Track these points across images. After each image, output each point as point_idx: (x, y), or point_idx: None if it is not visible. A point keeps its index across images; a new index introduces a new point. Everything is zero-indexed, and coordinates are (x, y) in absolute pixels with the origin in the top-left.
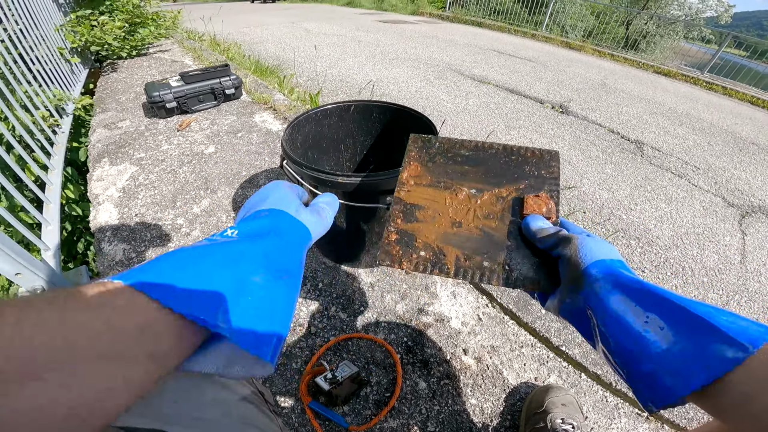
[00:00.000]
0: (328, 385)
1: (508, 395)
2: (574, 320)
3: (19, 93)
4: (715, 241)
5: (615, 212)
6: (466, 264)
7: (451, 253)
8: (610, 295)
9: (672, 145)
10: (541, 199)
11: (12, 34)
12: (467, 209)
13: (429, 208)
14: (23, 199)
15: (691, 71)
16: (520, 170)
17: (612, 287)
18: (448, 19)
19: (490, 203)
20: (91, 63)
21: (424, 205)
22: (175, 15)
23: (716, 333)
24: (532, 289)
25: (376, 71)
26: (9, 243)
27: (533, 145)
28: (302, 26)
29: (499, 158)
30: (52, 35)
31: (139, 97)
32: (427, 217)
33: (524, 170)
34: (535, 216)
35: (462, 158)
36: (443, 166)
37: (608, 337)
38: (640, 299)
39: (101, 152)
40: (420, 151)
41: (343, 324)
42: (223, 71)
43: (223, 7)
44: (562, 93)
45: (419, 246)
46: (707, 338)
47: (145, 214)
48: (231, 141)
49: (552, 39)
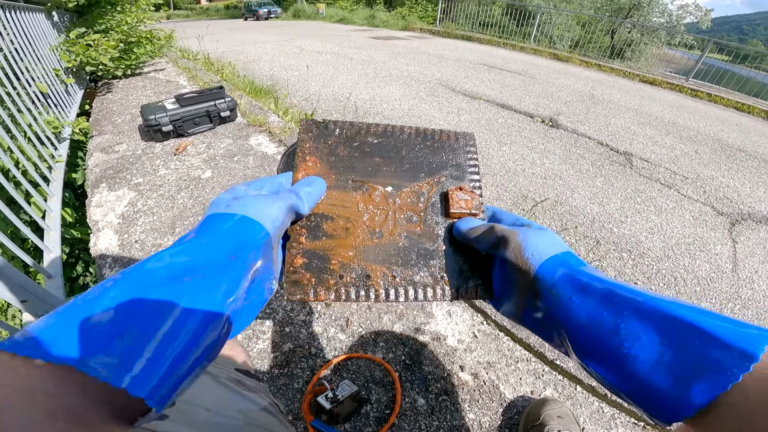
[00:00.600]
0: (329, 404)
1: (506, 409)
2: (540, 331)
3: (20, 120)
4: (706, 250)
5: (606, 226)
6: (396, 282)
7: (376, 272)
8: (573, 303)
9: (660, 156)
10: (466, 192)
11: (8, 53)
12: (385, 213)
13: (339, 217)
14: (27, 230)
15: (676, 78)
16: (437, 158)
17: (574, 291)
18: (439, 33)
19: (410, 203)
20: (86, 83)
21: (331, 214)
22: (169, 34)
23: (707, 338)
24: (473, 298)
25: (368, 90)
26: (14, 273)
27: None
28: (295, 44)
29: (412, 145)
30: (47, 55)
31: (135, 119)
32: (339, 229)
33: (442, 158)
34: (463, 219)
35: (370, 147)
36: (349, 160)
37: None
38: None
39: (99, 177)
40: (316, 141)
41: (342, 344)
42: (218, 93)
43: (217, 24)
44: (552, 106)
45: (335, 269)
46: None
47: (144, 240)
48: (227, 165)
49: (540, 51)
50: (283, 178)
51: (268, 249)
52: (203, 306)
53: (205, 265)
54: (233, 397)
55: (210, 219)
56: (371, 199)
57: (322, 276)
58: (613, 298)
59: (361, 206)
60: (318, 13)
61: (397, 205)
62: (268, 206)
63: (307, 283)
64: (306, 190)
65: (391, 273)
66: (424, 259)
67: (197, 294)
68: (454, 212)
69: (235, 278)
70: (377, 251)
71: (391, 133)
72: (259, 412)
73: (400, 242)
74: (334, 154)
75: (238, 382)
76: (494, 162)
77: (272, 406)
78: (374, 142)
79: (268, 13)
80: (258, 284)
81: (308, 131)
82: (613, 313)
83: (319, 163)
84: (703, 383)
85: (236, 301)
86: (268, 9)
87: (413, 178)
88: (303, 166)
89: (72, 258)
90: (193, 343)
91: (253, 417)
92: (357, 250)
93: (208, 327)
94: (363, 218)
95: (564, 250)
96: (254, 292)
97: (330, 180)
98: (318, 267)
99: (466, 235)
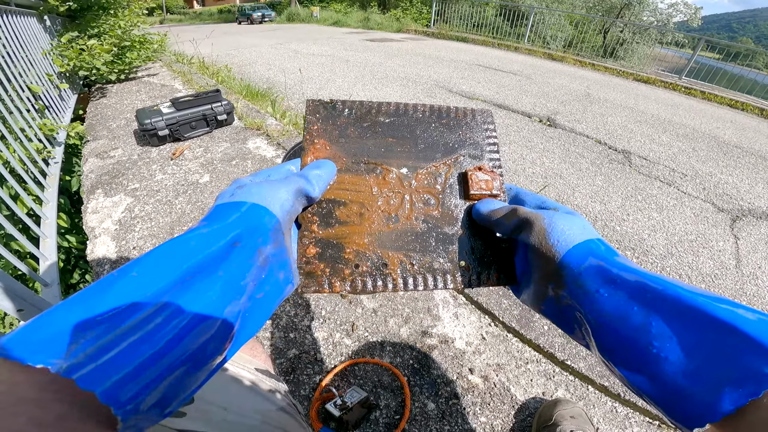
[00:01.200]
0: (338, 411)
1: (517, 411)
2: (561, 322)
3: (12, 124)
4: (709, 247)
5: (608, 224)
6: (414, 269)
7: (393, 260)
8: (600, 296)
9: (658, 153)
10: (486, 172)
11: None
12: (401, 197)
13: (352, 203)
14: (21, 236)
15: (669, 76)
16: (454, 136)
17: (602, 282)
18: (433, 35)
19: (427, 184)
20: (79, 88)
21: (344, 200)
22: (162, 38)
23: (744, 341)
24: (495, 285)
25: (366, 91)
26: (9, 281)
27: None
28: (290, 47)
29: (427, 123)
30: (40, 60)
31: (130, 123)
32: (352, 215)
33: (459, 136)
34: (484, 201)
35: (382, 127)
36: (360, 141)
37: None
38: (641, 298)
39: (95, 183)
40: (325, 122)
41: (349, 350)
42: (215, 97)
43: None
44: (549, 105)
45: (350, 258)
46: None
47: (143, 247)
48: (226, 169)
49: (534, 51)
50: (291, 164)
51: (278, 234)
52: (193, 301)
53: (207, 257)
54: (251, 396)
55: (215, 209)
56: (386, 182)
57: (336, 266)
58: (646, 293)
59: (375, 190)
60: (312, 17)
61: (413, 188)
62: (274, 190)
63: (321, 275)
64: (315, 173)
65: (409, 260)
66: (443, 244)
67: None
68: (474, 194)
69: (238, 266)
70: (394, 237)
71: (403, 112)
72: (276, 413)
73: (417, 227)
74: (344, 136)
75: (257, 383)
76: None
77: (290, 407)
78: (386, 122)
79: (262, 17)
80: (272, 274)
81: (315, 112)
82: (644, 308)
83: (328, 146)
84: (735, 389)
85: (242, 293)
86: (262, 13)
87: (429, 158)
88: (311, 149)
89: (69, 265)
90: (173, 345)
91: (271, 417)
92: (372, 237)
93: (196, 326)
94: (377, 203)
95: (594, 237)
96: (268, 283)
97: (341, 163)
98: (332, 256)
99: (487, 218)
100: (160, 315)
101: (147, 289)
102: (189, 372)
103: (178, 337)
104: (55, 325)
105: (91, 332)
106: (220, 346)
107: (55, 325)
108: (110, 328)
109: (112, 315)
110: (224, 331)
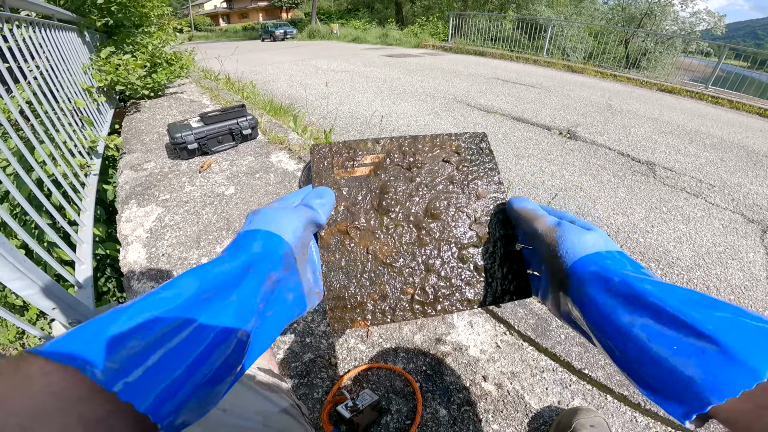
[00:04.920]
0: (349, 413)
1: (531, 420)
2: (578, 330)
3: (57, 139)
4: (738, 258)
5: (631, 236)
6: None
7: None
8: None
9: (684, 164)
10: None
11: (44, 71)
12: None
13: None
14: (60, 241)
15: (695, 86)
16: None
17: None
18: (451, 50)
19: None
20: (116, 103)
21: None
22: (188, 57)
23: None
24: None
25: (384, 106)
26: (47, 281)
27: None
28: (311, 63)
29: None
30: (80, 74)
31: (161, 137)
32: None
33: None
34: (521, 198)
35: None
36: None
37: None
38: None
39: (129, 194)
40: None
41: (363, 355)
42: (240, 112)
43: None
44: (569, 118)
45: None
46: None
47: (171, 254)
48: (250, 182)
49: (554, 63)
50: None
51: (290, 259)
52: (213, 321)
53: (223, 281)
54: (253, 397)
55: (236, 238)
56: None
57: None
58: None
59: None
60: (332, 33)
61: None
62: (287, 219)
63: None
64: (318, 202)
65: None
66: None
67: (209, 310)
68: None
69: (250, 289)
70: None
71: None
72: (278, 414)
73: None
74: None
75: (259, 382)
76: (513, 175)
77: (293, 408)
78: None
79: (284, 34)
80: (280, 294)
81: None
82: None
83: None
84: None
85: (254, 313)
86: (284, 30)
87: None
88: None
89: (98, 273)
90: (203, 359)
91: (272, 419)
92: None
93: (218, 341)
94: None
95: (606, 249)
96: (277, 303)
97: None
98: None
99: (516, 213)
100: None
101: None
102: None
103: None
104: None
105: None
106: (238, 359)
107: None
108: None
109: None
110: (241, 346)
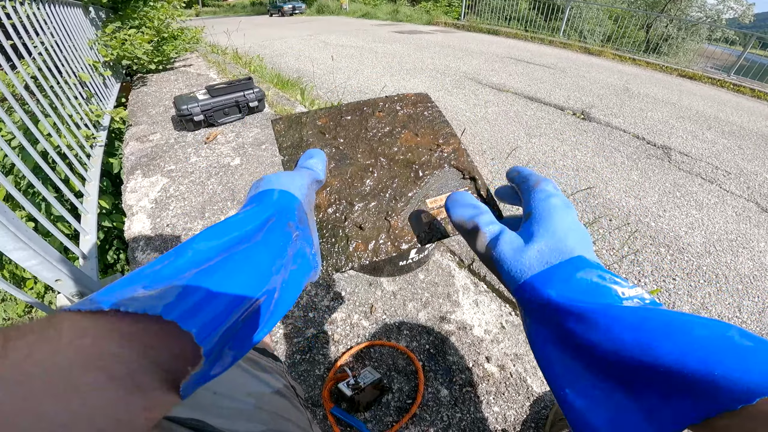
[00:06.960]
0: (350, 391)
1: (533, 403)
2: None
3: (62, 112)
4: (750, 247)
5: (643, 219)
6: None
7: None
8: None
9: (701, 150)
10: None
11: (49, 46)
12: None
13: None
14: (64, 210)
15: (717, 73)
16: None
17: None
18: (464, 27)
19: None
20: (122, 77)
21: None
22: (198, 30)
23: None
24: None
25: (393, 82)
26: (50, 251)
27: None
28: (320, 38)
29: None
30: (86, 49)
31: (168, 110)
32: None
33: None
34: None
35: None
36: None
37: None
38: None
39: (134, 165)
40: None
41: (366, 332)
42: (247, 84)
43: (243, 20)
44: (584, 99)
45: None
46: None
47: (176, 224)
48: (256, 153)
49: (570, 45)
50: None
51: (302, 214)
52: (251, 265)
53: (247, 231)
54: (245, 378)
55: (250, 199)
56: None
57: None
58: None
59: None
60: (342, 9)
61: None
62: (292, 179)
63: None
64: (312, 161)
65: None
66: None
67: (247, 255)
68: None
69: (278, 236)
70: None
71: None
72: (271, 395)
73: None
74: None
75: (252, 362)
76: (523, 153)
77: (287, 389)
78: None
79: (293, 8)
80: (302, 248)
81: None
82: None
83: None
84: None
85: (284, 266)
86: (293, 5)
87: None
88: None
89: (106, 245)
90: (240, 300)
91: (265, 401)
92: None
93: (255, 285)
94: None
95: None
96: (299, 256)
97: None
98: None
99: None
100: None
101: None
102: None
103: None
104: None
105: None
106: (269, 305)
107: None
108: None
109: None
110: (272, 291)
